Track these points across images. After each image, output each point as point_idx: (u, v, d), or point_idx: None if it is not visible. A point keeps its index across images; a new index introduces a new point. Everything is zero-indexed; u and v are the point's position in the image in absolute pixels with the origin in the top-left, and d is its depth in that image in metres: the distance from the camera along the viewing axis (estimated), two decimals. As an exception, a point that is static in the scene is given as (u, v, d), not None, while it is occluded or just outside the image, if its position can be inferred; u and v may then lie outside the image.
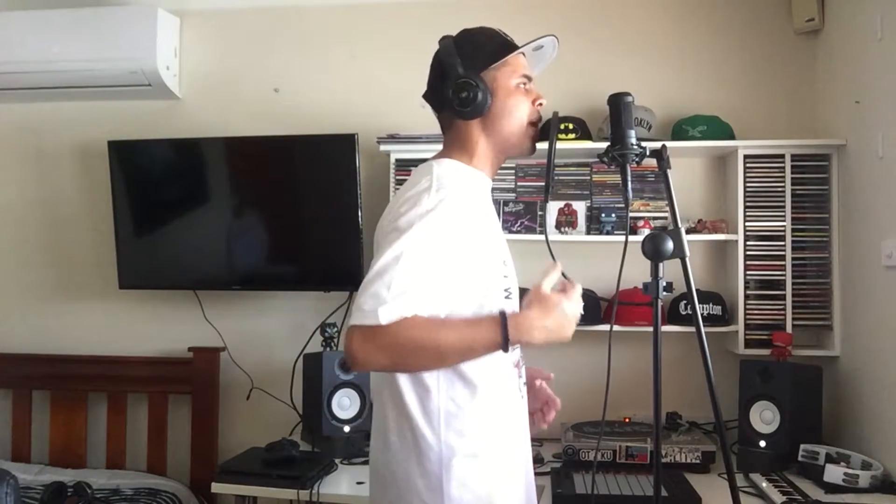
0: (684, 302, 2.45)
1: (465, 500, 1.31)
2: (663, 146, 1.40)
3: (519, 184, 2.65)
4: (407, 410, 1.32)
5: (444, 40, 1.43)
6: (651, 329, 1.35)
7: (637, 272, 1.40)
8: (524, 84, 1.43)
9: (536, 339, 1.26)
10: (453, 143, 1.45)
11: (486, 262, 1.34)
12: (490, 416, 1.35)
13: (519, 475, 1.43)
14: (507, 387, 1.39)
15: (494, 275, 1.35)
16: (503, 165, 1.53)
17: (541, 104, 1.45)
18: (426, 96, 1.48)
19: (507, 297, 1.36)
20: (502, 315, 1.25)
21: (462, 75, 1.38)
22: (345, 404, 2.46)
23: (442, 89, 1.40)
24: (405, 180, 1.45)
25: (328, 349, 2.57)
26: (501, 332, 1.22)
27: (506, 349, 1.24)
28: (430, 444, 1.31)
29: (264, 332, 2.89)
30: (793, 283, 2.41)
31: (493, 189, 1.49)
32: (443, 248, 1.26)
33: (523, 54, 1.45)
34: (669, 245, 1.33)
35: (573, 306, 1.28)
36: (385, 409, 1.37)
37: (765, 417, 2.23)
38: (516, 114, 1.41)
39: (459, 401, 1.32)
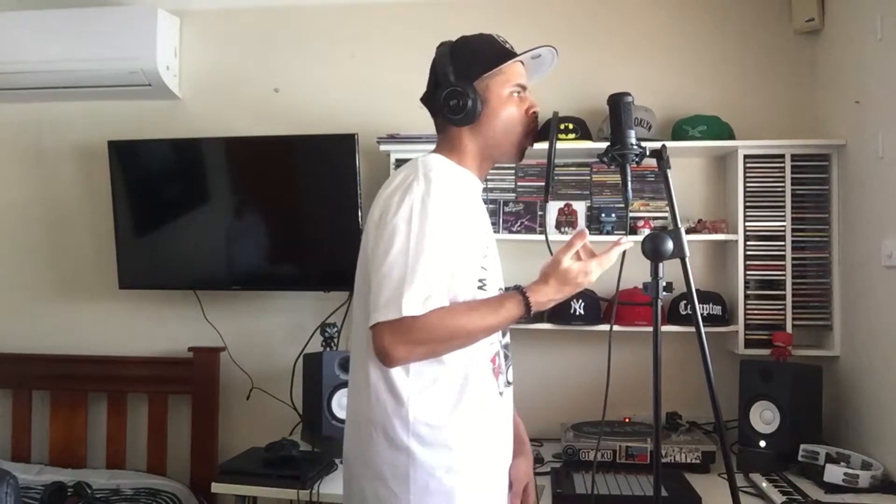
0: (684, 302, 2.45)
1: (430, 488, 1.32)
2: (663, 146, 1.40)
3: (519, 184, 2.64)
4: (380, 405, 1.35)
5: (441, 48, 1.46)
6: (651, 329, 1.35)
7: (637, 272, 1.40)
8: (517, 93, 1.45)
9: (550, 306, 1.35)
10: (444, 145, 1.48)
11: (465, 248, 1.35)
12: (462, 410, 1.36)
13: (499, 473, 1.45)
14: (481, 373, 1.39)
15: (471, 264, 1.36)
16: (503, 165, 1.54)
17: (534, 113, 1.46)
18: (423, 100, 1.50)
19: (480, 288, 1.37)
20: (523, 295, 1.31)
21: (453, 84, 1.41)
22: (345, 404, 2.43)
23: (436, 96, 1.43)
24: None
25: (328, 349, 2.57)
26: (525, 311, 1.31)
27: (528, 317, 1.33)
28: (399, 433, 1.33)
29: (264, 332, 2.89)
30: (793, 283, 2.42)
31: (493, 189, 1.50)
32: (442, 230, 1.29)
33: (521, 62, 1.46)
34: (669, 245, 1.33)
35: (589, 276, 1.33)
36: (365, 399, 1.38)
37: (765, 417, 2.23)
38: (508, 122, 1.44)
39: (431, 397, 1.34)
